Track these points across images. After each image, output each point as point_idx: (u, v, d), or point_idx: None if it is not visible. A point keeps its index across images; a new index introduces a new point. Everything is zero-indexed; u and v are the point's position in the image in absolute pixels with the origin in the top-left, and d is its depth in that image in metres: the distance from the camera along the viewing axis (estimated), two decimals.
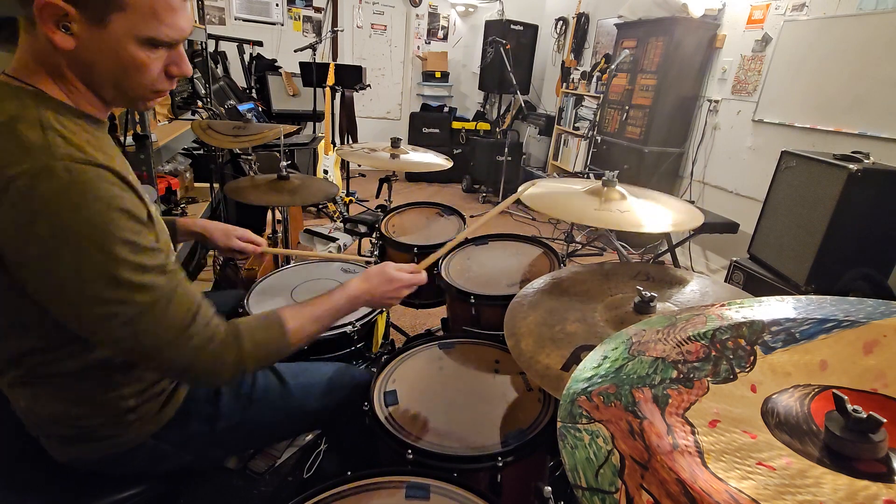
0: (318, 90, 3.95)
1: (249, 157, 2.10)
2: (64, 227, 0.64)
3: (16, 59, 0.72)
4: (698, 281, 1.12)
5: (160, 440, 0.91)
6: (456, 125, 5.68)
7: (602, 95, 4.01)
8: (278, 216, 2.24)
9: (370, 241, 2.05)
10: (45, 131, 0.66)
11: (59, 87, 0.72)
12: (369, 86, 4.25)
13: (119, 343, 0.71)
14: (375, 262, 1.85)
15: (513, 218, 4.70)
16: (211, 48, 3.85)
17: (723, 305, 0.65)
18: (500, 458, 0.90)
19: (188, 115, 2.55)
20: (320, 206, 4.12)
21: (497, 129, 5.43)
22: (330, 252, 3.32)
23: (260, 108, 4.10)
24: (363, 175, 5.38)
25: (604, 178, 1.26)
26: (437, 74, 5.95)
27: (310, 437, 1.59)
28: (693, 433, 0.46)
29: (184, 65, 0.78)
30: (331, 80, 3.81)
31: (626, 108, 3.96)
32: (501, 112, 5.63)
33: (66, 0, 0.64)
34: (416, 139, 5.52)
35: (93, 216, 0.65)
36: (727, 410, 0.48)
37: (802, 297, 0.64)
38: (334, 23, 5.38)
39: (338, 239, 3.40)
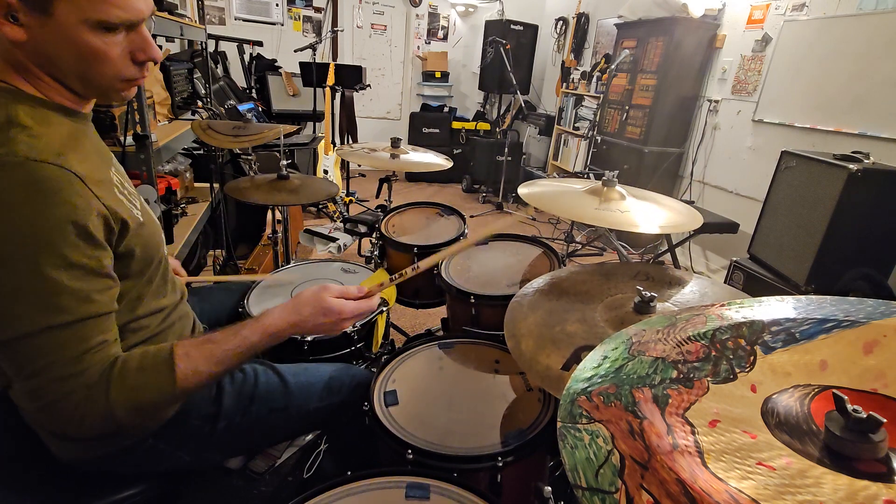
0: (318, 90, 3.95)
1: (249, 157, 2.10)
2: (4, 222, 0.62)
3: None
4: (698, 281, 1.12)
5: (160, 440, 0.91)
6: (456, 125, 5.68)
7: (602, 95, 4.01)
8: (278, 216, 2.24)
9: (370, 241, 2.05)
10: (9, 128, 0.66)
11: (27, 81, 0.72)
12: (369, 86, 4.25)
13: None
14: (376, 263, 1.86)
15: (513, 218, 4.70)
16: (211, 48, 3.84)
17: (723, 305, 0.65)
18: (500, 458, 0.90)
19: (188, 115, 2.55)
20: (320, 206, 4.12)
21: (497, 129, 5.43)
22: (330, 252, 3.32)
23: (260, 108, 4.10)
24: (363, 175, 5.39)
25: (604, 178, 1.26)
26: (437, 74, 5.95)
27: (310, 437, 1.59)
28: (693, 433, 0.46)
29: (150, 49, 0.75)
30: (331, 80, 3.81)
31: (626, 108, 3.96)
32: (501, 112, 5.63)
33: None
34: (416, 139, 5.52)
35: (38, 219, 0.64)
36: (727, 410, 0.48)
37: (802, 297, 0.64)
38: (334, 23, 5.38)
39: (338, 239, 3.41)
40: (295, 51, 4.13)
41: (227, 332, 0.82)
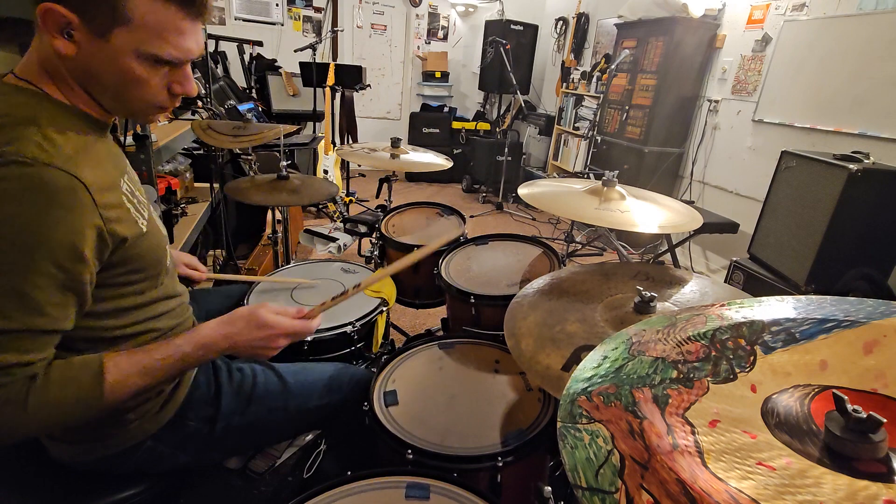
0: (318, 90, 3.95)
1: (249, 157, 2.10)
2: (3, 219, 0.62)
3: (25, 58, 0.73)
4: (698, 281, 1.12)
5: (159, 440, 0.91)
6: (456, 125, 5.68)
7: (602, 95, 4.01)
8: (278, 216, 2.24)
9: (370, 241, 2.05)
10: (26, 127, 0.66)
11: (59, 89, 0.73)
12: (369, 86, 4.25)
13: None
14: (376, 263, 1.86)
15: (513, 218, 4.70)
16: (211, 48, 3.85)
17: (723, 305, 0.65)
18: (500, 458, 0.90)
19: (188, 115, 2.55)
20: (320, 206, 4.12)
21: (497, 129, 5.43)
22: (330, 252, 3.32)
23: (260, 108, 4.10)
24: (363, 175, 5.39)
25: (604, 178, 1.26)
26: (437, 74, 5.95)
27: (310, 437, 1.59)
28: (693, 433, 0.45)
29: (188, 84, 0.77)
30: (331, 80, 3.81)
31: (626, 108, 3.96)
32: (501, 112, 5.63)
33: (70, 9, 0.65)
34: (416, 139, 5.52)
35: (29, 222, 0.63)
36: (727, 410, 0.48)
37: (802, 297, 0.64)
38: (334, 23, 5.38)
39: (338, 239, 3.41)
40: (295, 51, 4.13)
41: (160, 343, 0.81)
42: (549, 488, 0.84)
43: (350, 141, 4.06)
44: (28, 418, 0.66)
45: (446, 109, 5.99)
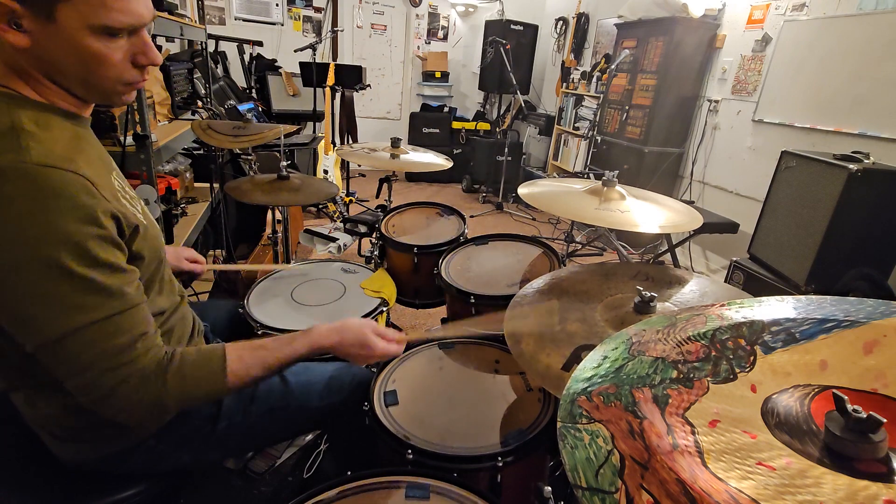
0: (318, 90, 3.95)
1: (249, 157, 2.10)
2: (13, 228, 0.63)
3: None
4: (698, 281, 1.12)
5: (160, 440, 0.91)
6: (456, 125, 5.68)
7: (602, 95, 4.01)
8: (278, 216, 2.24)
9: (370, 241, 2.05)
10: (15, 134, 0.66)
11: (30, 86, 0.72)
12: (369, 86, 4.25)
13: (43, 357, 0.69)
14: (376, 263, 1.86)
15: (513, 218, 4.70)
16: (211, 48, 3.84)
17: (723, 305, 0.65)
18: (500, 458, 0.90)
19: (188, 115, 2.55)
20: (320, 206, 4.12)
21: (497, 129, 5.42)
22: (330, 252, 3.32)
23: (260, 108, 4.10)
24: (363, 175, 5.38)
25: (604, 178, 1.26)
26: (437, 74, 5.95)
27: (310, 437, 1.59)
28: (693, 433, 0.45)
29: (150, 52, 0.76)
30: (331, 80, 3.81)
31: (626, 108, 3.96)
32: (501, 112, 5.62)
33: None
34: (416, 139, 5.52)
35: (53, 223, 0.64)
36: (727, 410, 0.48)
37: (802, 297, 0.64)
38: (334, 23, 5.38)
39: (338, 239, 3.40)
40: (295, 51, 4.13)
41: (279, 340, 0.89)
42: (549, 488, 0.84)
43: (350, 141, 4.06)
44: (166, 393, 0.75)
45: (446, 109, 5.98)
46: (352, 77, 3.88)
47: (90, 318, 0.68)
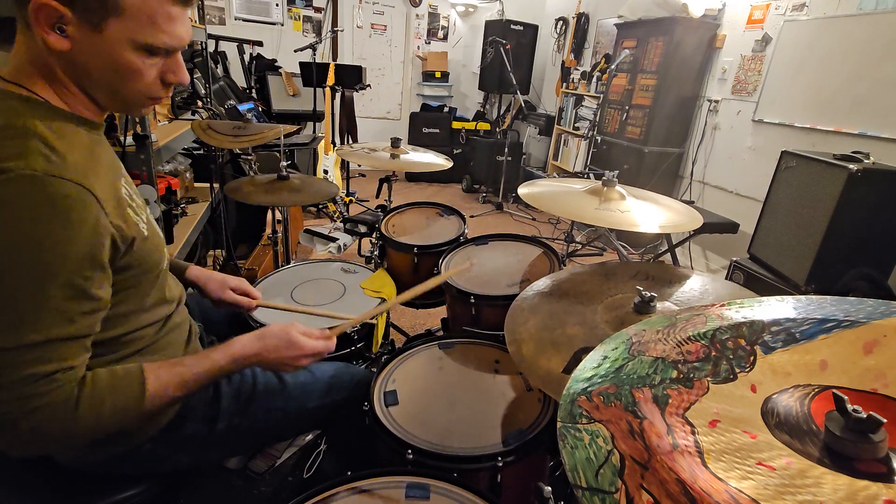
0: (318, 90, 3.95)
1: (249, 157, 2.10)
2: (13, 234, 0.62)
3: (10, 61, 0.71)
4: (698, 280, 1.12)
5: (159, 442, 0.91)
6: (456, 125, 5.68)
7: (602, 95, 4.01)
8: (278, 216, 2.24)
9: (370, 241, 2.05)
10: (27, 140, 0.65)
11: (52, 90, 0.72)
12: (369, 86, 4.24)
13: None
14: (376, 263, 1.86)
15: (513, 218, 4.70)
16: (211, 48, 3.84)
17: (723, 305, 0.65)
18: (500, 458, 0.90)
19: (188, 115, 2.55)
20: (320, 206, 4.12)
21: (497, 129, 5.42)
22: (330, 252, 3.32)
23: (260, 108, 4.10)
24: (363, 175, 5.38)
25: (604, 178, 1.26)
26: (437, 74, 5.95)
27: (310, 437, 1.59)
28: (693, 433, 0.45)
29: (180, 72, 0.77)
30: (331, 80, 3.81)
31: (626, 108, 3.96)
32: (501, 112, 5.63)
33: (62, 2, 0.64)
34: (416, 139, 5.52)
35: (49, 235, 0.63)
36: (727, 410, 0.48)
37: (802, 297, 0.64)
38: (334, 23, 5.38)
39: (338, 239, 3.41)
40: (295, 51, 4.13)
41: (198, 356, 0.84)
42: (549, 488, 0.84)
43: (350, 141, 4.05)
44: (78, 424, 0.69)
45: (446, 109, 5.99)
46: (352, 77, 3.88)
47: (32, 339, 0.64)
